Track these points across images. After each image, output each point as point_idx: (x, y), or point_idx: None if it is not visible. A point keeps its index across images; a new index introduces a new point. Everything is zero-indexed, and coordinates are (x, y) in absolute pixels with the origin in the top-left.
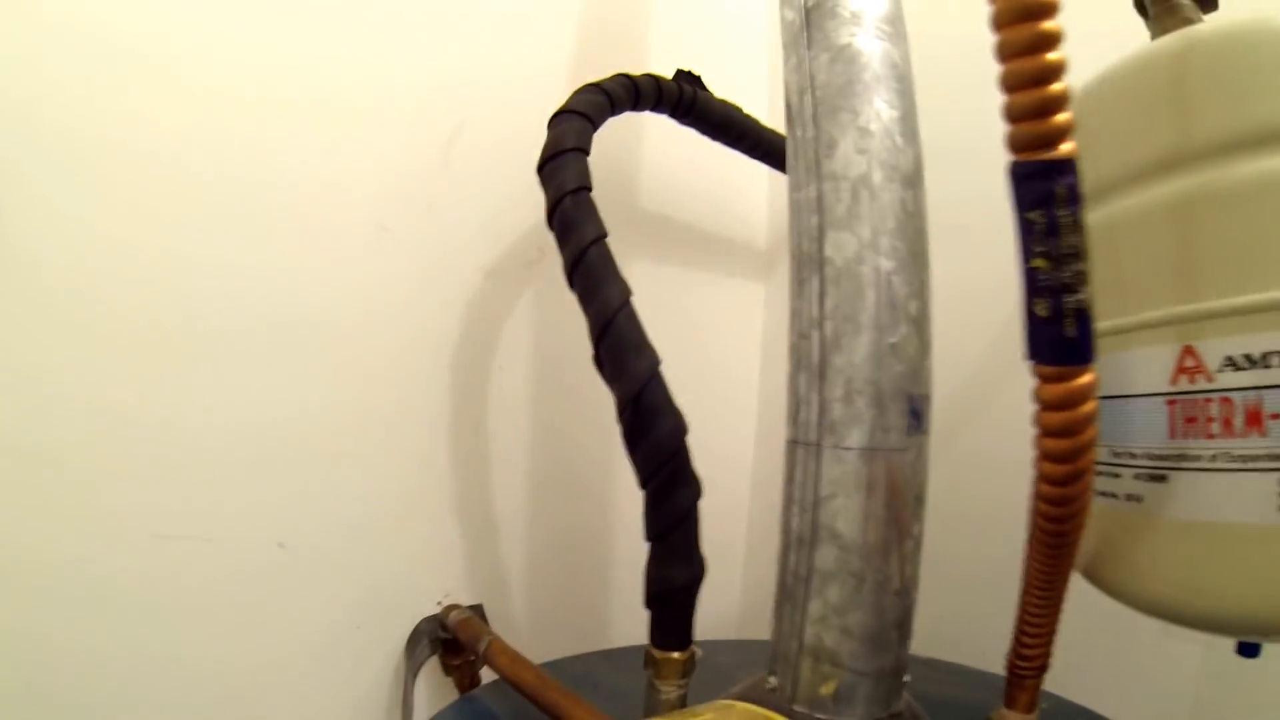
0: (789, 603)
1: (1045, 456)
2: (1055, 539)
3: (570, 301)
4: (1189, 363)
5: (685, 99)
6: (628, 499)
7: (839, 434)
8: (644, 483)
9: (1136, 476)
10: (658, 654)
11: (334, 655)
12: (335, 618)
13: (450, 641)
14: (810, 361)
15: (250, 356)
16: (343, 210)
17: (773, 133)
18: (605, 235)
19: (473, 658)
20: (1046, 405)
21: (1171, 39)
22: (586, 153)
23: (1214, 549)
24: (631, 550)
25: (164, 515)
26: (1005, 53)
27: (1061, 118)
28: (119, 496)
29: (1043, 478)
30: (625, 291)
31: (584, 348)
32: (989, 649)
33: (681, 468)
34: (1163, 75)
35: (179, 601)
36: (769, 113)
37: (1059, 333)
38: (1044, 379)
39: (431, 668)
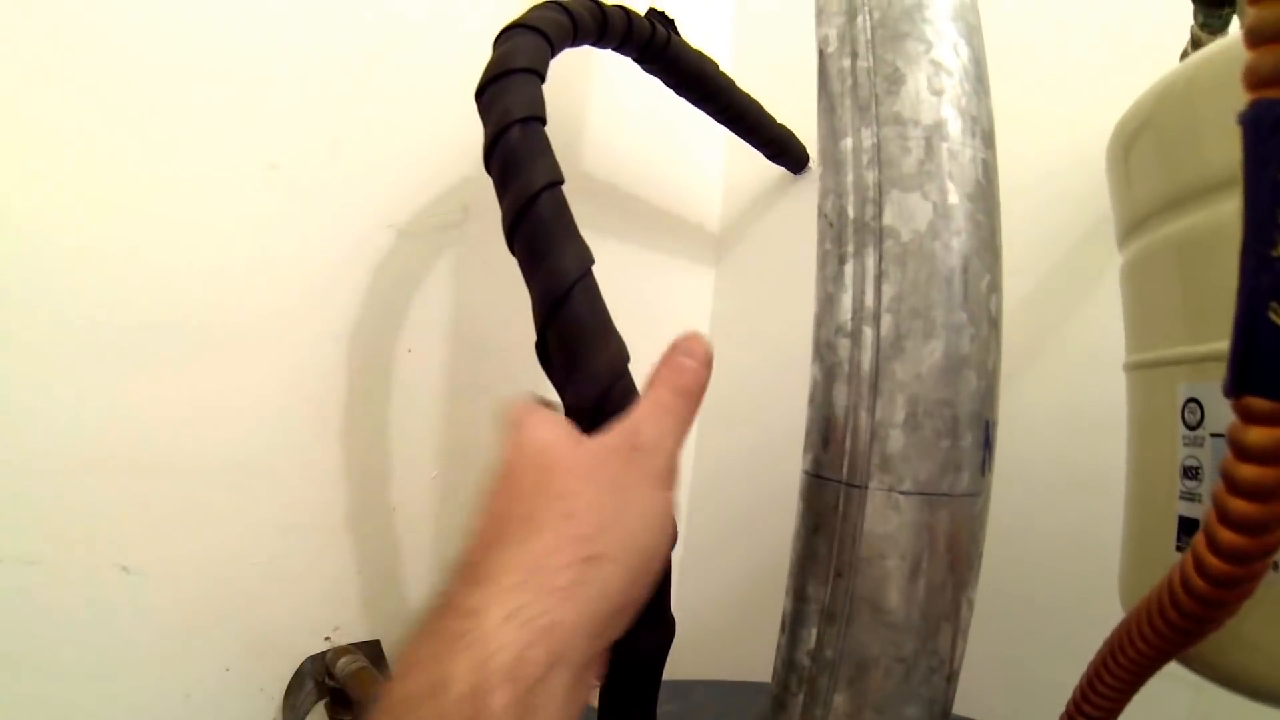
0: (805, 693)
1: (1224, 521)
2: (1195, 622)
3: (501, 275)
4: None
5: (657, 42)
6: None
7: (896, 472)
8: None
9: None
10: None
11: (195, 704)
12: (197, 658)
13: (340, 691)
14: (855, 369)
15: (85, 327)
16: (220, 138)
17: (747, 97)
18: (561, 181)
19: None
20: (1249, 455)
21: None
22: (542, 77)
23: None
24: None
25: None
26: None
27: None
28: None
29: (1211, 547)
30: (586, 258)
31: (514, 331)
32: None
33: None
34: None
35: None
36: (731, 62)
37: None
38: (1254, 419)
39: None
